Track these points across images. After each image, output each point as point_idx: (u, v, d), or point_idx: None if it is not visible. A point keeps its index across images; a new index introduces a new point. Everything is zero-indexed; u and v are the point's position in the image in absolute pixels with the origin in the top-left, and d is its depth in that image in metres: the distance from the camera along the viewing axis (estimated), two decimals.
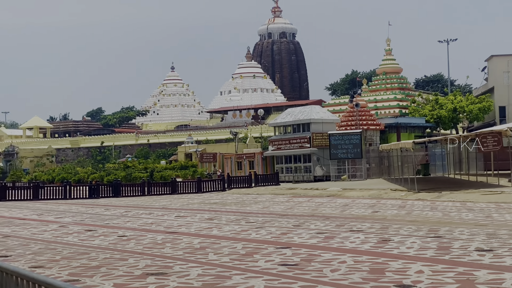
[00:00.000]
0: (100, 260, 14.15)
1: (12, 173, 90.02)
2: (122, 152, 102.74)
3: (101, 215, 29.48)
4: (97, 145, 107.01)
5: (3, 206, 39.00)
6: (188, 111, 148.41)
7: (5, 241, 18.95)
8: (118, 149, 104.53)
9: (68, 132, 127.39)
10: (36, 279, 5.01)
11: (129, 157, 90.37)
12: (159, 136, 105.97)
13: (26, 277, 5.20)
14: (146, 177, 60.94)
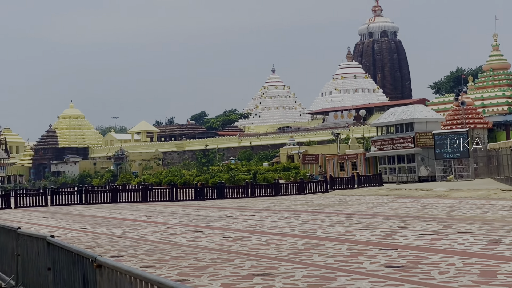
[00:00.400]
0: (207, 260, 14.45)
1: (122, 176, 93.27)
2: (225, 155, 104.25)
3: (207, 216, 30.06)
4: (201, 148, 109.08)
5: (114, 208, 40.47)
6: (289, 113, 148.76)
7: (117, 241, 19.67)
8: (221, 151, 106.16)
9: (174, 136, 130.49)
10: (149, 279, 5.19)
11: (232, 160, 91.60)
12: (261, 138, 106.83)
13: (139, 277, 5.40)
14: (249, 179, 61.56)
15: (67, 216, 33.97)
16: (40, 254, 9.41)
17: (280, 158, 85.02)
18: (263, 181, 62.89)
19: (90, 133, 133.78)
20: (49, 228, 25.42)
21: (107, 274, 6.20)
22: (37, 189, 73.14)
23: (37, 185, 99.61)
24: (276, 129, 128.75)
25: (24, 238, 10.62)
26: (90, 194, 49.83)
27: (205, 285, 11.23)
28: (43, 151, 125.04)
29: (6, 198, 47.05)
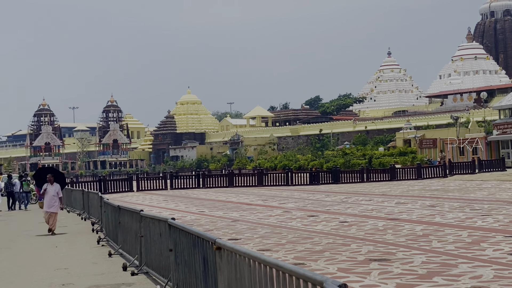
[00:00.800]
0: (323, 245, 14.44)
1: (237, 160, 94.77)
2: (340, 139, 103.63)
3: (322, 201, 30.03)
4: (316, 133, 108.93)
5: (231, 192, 41.20)
6: (405, 97, 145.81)
7: (234, 225, 20.02)
8: (336, 136, 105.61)
9: (288, 121, 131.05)
10: (267, 262, 5.24)
11: (347, 144, 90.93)
12: (377, 123, 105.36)
13: (257, 259, 5.46)
14: (364, 164, 60.97)
15: (186, 200, 34.91)
16: (162, 235, 9.72)
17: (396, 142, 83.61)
18: (378, 165, 62.08)
19: (207, 118, 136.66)
20: (169, 211, 26.23)
21: (226, 256, 6.31)
22: (157, 173, 75.63)
23: (157, 169, 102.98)
24: (392, 113, 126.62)
25: (147, 220, 11.00)
26: (208, 178, 50.95)
27: (322, 269, 11.22)
28: (162, 136, 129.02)
29: (129, 181, 48.93)
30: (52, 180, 19.42)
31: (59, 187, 19.54)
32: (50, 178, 19.44)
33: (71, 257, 13.93)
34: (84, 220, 23.56)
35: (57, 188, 19.38)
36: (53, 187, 19.28)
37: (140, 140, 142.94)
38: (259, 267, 5.40)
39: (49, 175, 19.61)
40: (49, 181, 19.40)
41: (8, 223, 24.02)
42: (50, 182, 19.37)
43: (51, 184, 19.33)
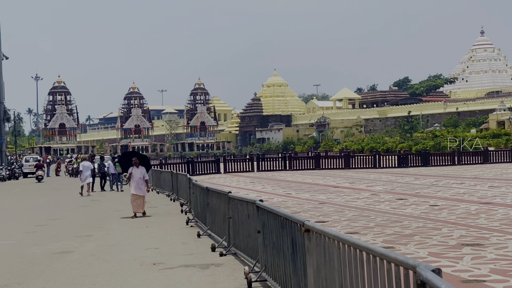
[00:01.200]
0: (413, 228, 14.17)
1: (324, 143, 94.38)
2: (429, 121, 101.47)
3: (411, 184, 29.51)
4: (404, 115, 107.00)
5: (317, 174, 41.07)
6: (499, 77, 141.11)
7: (321, 207, 19.95)
8: (425, 118, 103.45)
9: (376, 103, 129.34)
10: (357, 245, 5.15)
11: (437, 126, 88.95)
12: (469, 104, 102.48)
13: (347, 242, 5.38)
14: (455, 146, 59.50)
15: (273, 182, 35.04)
16: (250, 217, 9.76)
17: (489, 124, 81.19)
18: (470, 148, 60.42)
19: (293, 100, 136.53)
20: (256, 193, 26.39)
21: (315, 239, 6.26)
22: (244, 155, 76.21)
23: (244, 151, 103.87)
24: (484, 94, 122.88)
25: (235, 202, 11.08)
26: (294, 161, 50.95)
27: (412, 254, 11.01)
28: (248, 118, 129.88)
29: (216, 163, 49.57)
30: (138, 163, 19.42)
31: (144, 170, 19.52)
32: (135, 162, 19.45)
33: (161, 237, 14.22)
34: (173, 201, 24.01)
35: (143, 171, 19.36)
36: (139, 170, 19.27)
37: (227, 122, 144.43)
38: (349, 250, 5.32)
39: (134, 158, 19.66)
40: (135, 164, 19.40)
41: (101, 204, 24.79)
42: (135, 166, 19.37)
43: (136, 167, 19.32)
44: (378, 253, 4.67)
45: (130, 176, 19.25)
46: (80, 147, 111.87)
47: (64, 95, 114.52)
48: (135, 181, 19.05)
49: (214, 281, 9.22)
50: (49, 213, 21.26)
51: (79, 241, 14.05)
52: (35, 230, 16.32)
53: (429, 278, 3.70)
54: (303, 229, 6.52)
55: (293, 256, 7.17)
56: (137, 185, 18.99)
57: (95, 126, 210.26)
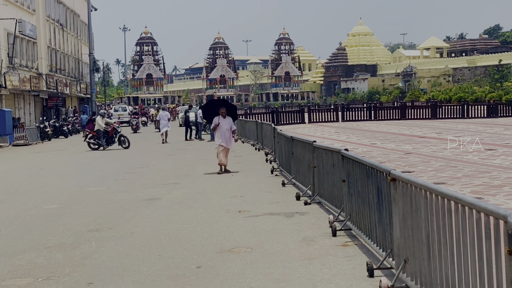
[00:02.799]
0: (502, 179, 13.82)
1: (410, 92, 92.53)
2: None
3: (500, 134, 28.68)
4: (495, 63, 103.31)
5: (403, 125, 40.47)
6: None
7: (407, 157, 19.69)
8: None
9: (465, 51, 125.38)
10: (445, 194, 5.06)
11: None
12: None
13: (435, 191, 5.29)
14: None
15: (357, 132, 34.77)
16: (335, 166, 9.73)
17: None
18: None
19: (379, 50, 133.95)
20: (341, 143, 26.29)
21: (401, 188, 6.20)
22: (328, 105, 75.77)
23: (328, 101, 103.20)
24: None
25: (320, 151, 11.06)
26: (379, 111, 50.33)
27: (501, 204, 10.76)
28: (333, 68, 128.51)
29: (301, 113, 49.54)
30: (225, 114, 17.85)
31: (231, 120, 17.99)
32: (222, 112, 17.84)
33: (246, 186, 14.41)
34: (258, 151, 24.23)
35: (230, 122, 17.88)
36: (226, 121, 17.74)
37: (311, 72, 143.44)
38: (436, 200, 5.24)
39: (222, 109, 17.97)
40: (221, 114, 17.79)
41: (187, 152, 25.28)
42: (222, 116, 17.77)
43: (223, 117, 17.74)
44: (467, 202, 4.59)
45: (216, 127, 17.69)
46: (167, 97, 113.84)
47: (151, 46, 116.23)
48: (221, 132, 17.59)
49: (298, 229, 9.30)
50: (137, 161, 21.86)
51: (166, 188, 14.42)
52: (124, 178, 16.85)
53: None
54: (389, 178, 6.46)
55: (379, 205, 7.13)
56: (223, 136, 17.56)
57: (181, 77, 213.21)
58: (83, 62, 66.29)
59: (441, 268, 5.16)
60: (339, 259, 7.46)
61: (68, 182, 16.31)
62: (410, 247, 5.97)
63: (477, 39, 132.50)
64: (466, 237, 4.58)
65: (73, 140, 38.95)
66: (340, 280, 6.57)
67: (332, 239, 8.58)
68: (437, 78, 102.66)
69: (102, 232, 9.66)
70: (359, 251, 7.86)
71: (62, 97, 54.38)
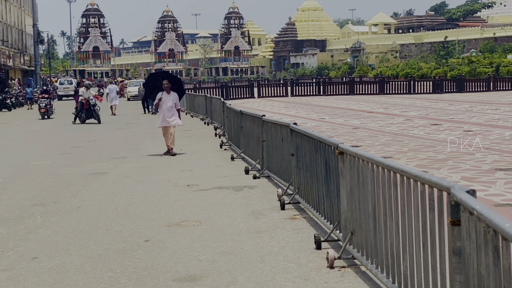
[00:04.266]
0: (446, 153, 14.11)
1: (358, 68, 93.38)
2: (466, 47, 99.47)
3: (445, 109, 29.23)
4: (441, 40, 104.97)
5: (351, 100, 40.86)
6: None
7: (355, 132, 19.92)
8: (461, 43, 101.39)
9: (412, 28, 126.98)
10: (391, 166, 5.13)
11: (473, 52, 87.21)
12: (506, 29, 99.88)
13: (381, 164, 5.36)
14: (491, 72, 58.46)
15: (306, 107, 34.97)
16: (284, 140, 9.78)
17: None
18: (506, 74, 59.35)
19: (328, 25, 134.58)
20: (290, 117, 26.40)
21: (349, 161, 6.26)
22: (278, 80, 75.93)
23: (278, 76, 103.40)
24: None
25: (269, 125, 11.09)
26: (328, 86, 50.68)
27: (445, 177, 10.96)
28: (283, 43, 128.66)
29: (250, 88, 49.51)
30: (169, 87, 15.55)
31: (177, 96, 15.69)
32: (166, 85, 15.48)
33: (195, 160, 14.37)
34: (207, 125, 24.16)
35: (175, 98, 15.59)
36: (169, 97, 15.47)
37: (261, 47, 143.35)
38: (383, 172, 5.31)
39: (165, 81, 15.53)
40: (165, 89, 15.49)
41: (136, 126, 25.04)
42: (166, 91, 15.50)
43: (167, 93, 15.48)
44: (412, 174, 4.66)
45: (159, 103, 15.50)
46: (114, 70, 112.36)
47: (97, 18, 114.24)
48: (164, 110, 15.40)
49: (247, 203, 9.34)
50: (84, 135, 21.57)
51: (113, 162, 14.27)
52: (70, 152, 16.62)
53: (464, 199, 3.68)
54: (337, 151, 6.52)
55: (326, 179, 7.20)
56: (166, 114, 15.37)
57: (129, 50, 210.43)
58: (27, 34, 64.78)
59: (386, 240, 5.25)
60: (287, 232, 7.52)
61: (12, 156, 16.00)
62: (357, 220, 6.06)
63: (424, 16, 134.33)
64: (411, 208, 4.66)
65: (17, 113, 38.16)
66: (288, 253, 6.63)
67: (280, 212, 8.64)
68: (384, 54, 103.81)
69: (47, 206, 9.52)
70: (307, 224, 7.94)
71: (5, 70, 53.13)
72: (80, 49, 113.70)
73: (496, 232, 3.20)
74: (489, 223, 3.25)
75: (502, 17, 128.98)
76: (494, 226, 3.18)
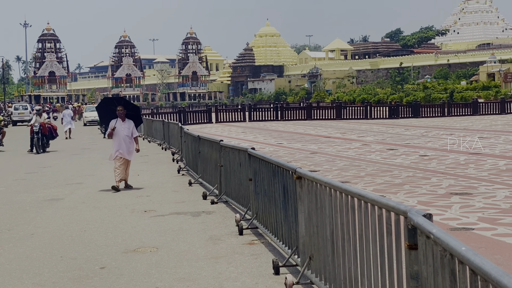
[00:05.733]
0: (403, 178, 14.26)
1: (316, 93, 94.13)
2: (421, 73, 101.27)
3: (401, 134, 29.61)
4: (396, 66, 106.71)
5: (309, 125, 41.11)
6: (490, 29, 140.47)
7: (312, 157, 20.01)
8: (417, 69, 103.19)
9: (368, 54, 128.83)
10: (349, 191, 5.16)
11: (428, 78, 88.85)
12: (460, 56, 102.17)
13: (339, 189, 5.38)
14: (445, 98, 59.55)
15: (264, 132, 35.07)
16: (242, 165, 9.76)
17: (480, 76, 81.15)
18: (460, 100, 60.54)
19: (285, 51, 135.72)
20: (248, 142, 26.41)
21: (307, 186, 6.28)
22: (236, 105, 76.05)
23: (236, 101, 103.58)
24: (475, 46, 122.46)
25: (227, 150, 11.07)
26: (286, 111, 50.95)
27: (402, 202, 11.06)
28: (240, 68, 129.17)
29: (208, 113, 49.49)
30: (123, 114, 14.04)
31: (133, 124, 14.14)
32: (120, 112, 13.97)
33: (152, 185, 14.24)
34: (165, 150, 24.02)
35: (131, 126, 14.06)
36: (125, 125, 13.96)
37: (219, 72, 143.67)
38: (341, 197, 5.33)
39: (119, 108, 13.99)
40: (119, 115, 13.99)
41: (91, 152, 24.75)
42: (120, 118, 13.99)
43: (122, 120, 13.97)
44: (369, 199, 4.68)
45: (112, 133, 13.85)
46: (71, 95, 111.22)
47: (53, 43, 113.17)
48: (119, 139, 13.79)
49: (205, 228, 9.27)
50: (39, 161, 21.23)
51: (69, 188, 14.06)
52: (24, 178, 16.32)
53: (420, 223, 3.71)
54: (295, 176, 6.53)
55: (285, 203, 7.20)
56: (121, 145, 13.78)
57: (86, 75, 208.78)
58: None
59: (344, 264, 5.26)
60: (245, 258, 7.48)
61: None
62: (315, 244, 6.06)
63: (380, 42, 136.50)
64: (368, 232, 4.68)
65: None
66: (246, 278, 6.59)
67: (238, 237, 8.60)
68: (341, 79, 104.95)
69: (1, 233, 9.31)
70: (266, 249, 7.91)
71: None
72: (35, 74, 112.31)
73: (453, 256, 3.22)
74: (446, 246, 3.27)
75: (455, 44, 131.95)
76: (451, 250, 3.20)
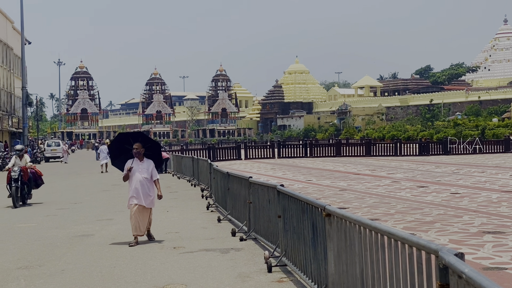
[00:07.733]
0: (434, 216, 14.10)
1: (345, 130, 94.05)
2: (451, 110, 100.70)
3: (432, 172, 29.34)
4: (426, 103, 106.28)
5: (338, 162, 40.96)
6: None
7: (342, 194, 19.90)
8: (447, 106, 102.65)
9: (397, 91, 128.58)
10: (379, 229, 5.12)
11: (459, 115, 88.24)
12: (491, 93, 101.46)
13: (368, 226, 5.34)
14: (477, 135, 59.02)
15: (293, 168, 35.01)
16: (271, 202, 9.74)
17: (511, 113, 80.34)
18: (492, 137, 59.92)
19: (314, 88, 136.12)
20: (277, 179, 26.39)
21: (336, 223, 6.24)
22: (265, 142, 76.20)
23: (265, 138, 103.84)
24: (507, 83, 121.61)
25: (256, 187, 11.06)
26: (315, 148, 50.88)
27: (433, 240, 10.94)
28: (270, 105, 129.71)
29: (237, 150, 49.64)
30: (140, 153, 11.65)
31: (152, 164, 11.77)
32: (136, 151, 11.60)
33: (181, 222, 14.26)
34: (194, 187, 24.08)
35: (150, 167, 11.70)
36: (143, 165, 11.66)
37: (248, 109, 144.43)
38: (370, 234, 5.29)
39: (136, 145, 11.61)
40: (135, 155, 11.64)
41: (122, 188, 24.90)
42: (137, 157, 11.67)
43: (139, 160, 11.68)
44: (400, 237, 4.64)
45: (128, 174, 11.60)
46: (102, 132, 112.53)
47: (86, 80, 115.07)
48: (135, 182, 11.55)
49: (234, 265, 9.23)
50: (70, 196, 21.41)
51: (99, 224, 14.13)
52: (56, 214, 16.45)
53: (452, 262, 3.66)
54: (324, 213, 6.50)
55: (314, 241, 7.15)
56: (139, 190, 11.55)
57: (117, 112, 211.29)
58: (16, 96, 64.98)
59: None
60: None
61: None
62: (345, 283, 5.99)
63: (409, 79, 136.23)
64: (399, 271, 4.62)
65: (2, 175, 37.88)
66: None
67: (267, 275, 8.54)
68: (371, 116, 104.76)
69: (32, 269, 9.36)
70: (295, 287, 7.84)
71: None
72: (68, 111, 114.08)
73: None
74: (478, 287, 3.22)
75: (486, 81, 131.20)
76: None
